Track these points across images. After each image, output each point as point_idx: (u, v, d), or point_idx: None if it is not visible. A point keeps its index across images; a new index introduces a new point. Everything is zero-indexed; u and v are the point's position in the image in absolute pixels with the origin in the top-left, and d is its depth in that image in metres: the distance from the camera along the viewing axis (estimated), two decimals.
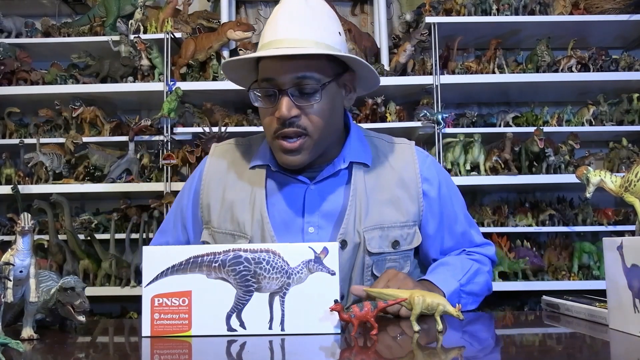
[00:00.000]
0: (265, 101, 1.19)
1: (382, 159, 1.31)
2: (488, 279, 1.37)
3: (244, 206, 1.25)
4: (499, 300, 2.63)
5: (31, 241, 0.96)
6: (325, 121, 1.19)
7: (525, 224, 2.62)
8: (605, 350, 0.93)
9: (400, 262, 1.29)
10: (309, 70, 1.14)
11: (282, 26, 1.16)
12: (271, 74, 1.16)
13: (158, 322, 0.98)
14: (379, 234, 1.24)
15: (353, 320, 0.94)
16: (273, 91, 1.16)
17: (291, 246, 1.01)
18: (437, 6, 2.72)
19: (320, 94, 1.15)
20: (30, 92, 2.72)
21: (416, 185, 1.29)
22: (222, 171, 1.31)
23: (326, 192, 1.26)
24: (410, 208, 1.27)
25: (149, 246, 1.07)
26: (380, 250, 1.24)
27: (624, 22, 2.69)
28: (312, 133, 1.17)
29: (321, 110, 1.17)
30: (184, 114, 2.74)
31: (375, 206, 1.25)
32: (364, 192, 1.25)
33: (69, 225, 2.50)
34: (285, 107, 1.14)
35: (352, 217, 1.23)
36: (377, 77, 1.26)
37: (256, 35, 2.99)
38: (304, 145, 1.18)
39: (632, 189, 0.99)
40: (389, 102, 2.68)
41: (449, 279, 1.26)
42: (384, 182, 1.28)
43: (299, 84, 1.15)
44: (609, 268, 0.98)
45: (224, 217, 1.27)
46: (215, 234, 1.27)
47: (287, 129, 1.16)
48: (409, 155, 1.32)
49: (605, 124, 2.72)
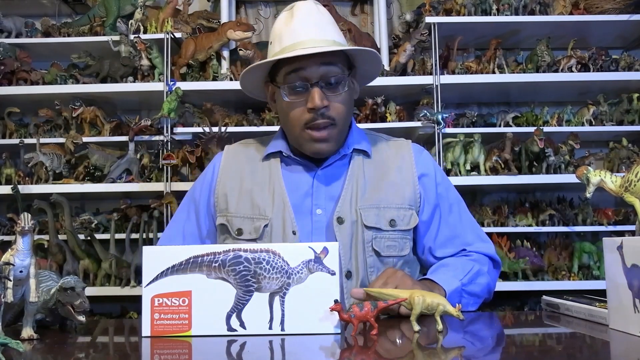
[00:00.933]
0: (294, 96, 1.31)
1: (380, 152, 1.42)
2: (489, 280, 1.37)
3: (263, 192, 1.35)
4: (499, 300, 2.62)
5: (31, 241, 0.96)
6: (347, 111, 1.34)
7: (525, 224, 2.62)
8: (605, 350, 0.93)
9: (400, 242, 1.34)
10: (333, 65, 1.29)
11: (301, 29, 1.30)
12: (301, 70, 1.28)
13: (158, 322, 0.98)
14: (375, 212, 1.32)
15: (353, 320, 0.95)
16: (304, 85, 1.29)
17: (291, 246, 1.01)
18: (437, 6, 2.72)
19: (345, 84, 1.31)
20: (30, 92, 2.72)
21: (412, 173, 1.38)
22: (237, 164, 1.42)
23: (331, 176, 1.37)
24: (407, 193, 1.36)
25: (150, 246, 1.07)
26: (377, 225, 1.31)
27: (624, 22, 2.69)
28: (338, 122, 1.31)
29: (344, 101, 1.32)
30: (184, 114, 2.74)
31: (372, 188, 1.35)
32: (362, 176, 1.36)
33: (69, 225, 2.50)
34: (319, 98, 1.27)
35: (348, 196, 1.33)
36: (378, 69, 1.42)
37: (256, 35, 2.99)
38: (332, 134, 1.31)
39: (632, 189, 0.99)
40: (389, 102, 2.68)
41: (451, 278, 1.28)
42: (382, 169, 1.38)
43: (326, 77, 1.28)
44: (609, 268, 0.98)
45: (243, 203, 1.35)
46: (233, 218, 1.35)
47: (318, 119, 1.29)
48: (405, 149, 1.43)
49: (605, 124, 2.71)
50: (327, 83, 1.29)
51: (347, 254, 1.30)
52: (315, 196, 1.34)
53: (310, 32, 1.29)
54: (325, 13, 1.36)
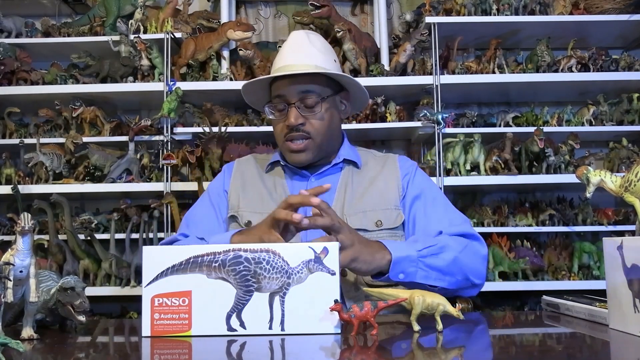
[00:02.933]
0: (278, 114, 1.48)
1: (368, 164, 1.56)
2: (457, 257, 1.30)
3: (271, 192, 1.51)
4: (499, 300, 2.63)
5: (31, 241, 0.96)
6: (325, 127, 1.46)
7: (525, 224, 2.62)
8: (605, 350, 0.93)
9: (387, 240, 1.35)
10: (311, 88, 1.44)
11: (289, 55, 1.49)
12: (282, 91, 1.45)
13: (158, 322, 0.98)
14: (361, 216, 1.43)
15: (353, 320, 0.95)
16: (283, 105, 1.46)
17: (291, 246, 1.01)
18: (437, 6, 2.72)
19: (320, 105, 1.45)
20: (30, 92, 2.72)
21: (396, 177, 1.50)
22: (247, 172, 1.58)
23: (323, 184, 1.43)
24: (392, 195, 1.47)
25: (150, 246, 1.07)
26: (362, 227, 1.40)
27: (624, 22, 2.69)
28: (315, 136, 1.45)
29: (321, 119, 1.46)
30: (184, 114, 2.73)
31: (359, 196, 1.47)
32: (350, 186, 1.49)
33: (69, 225, 2.50)
34: (293, 117, 1.43)
35: (339, 205, 1.45)
36: (366, 94, 1.57)
37: (256, 35, 2.99)
38: (308, 146, 1.45)
39: (632, 189, 0.99)
40: (389, 102, 2.68)
41: (406, 246, 1.27)
42: (369, 179, 1.51)
43: (303, 98, 1.44)
44: (609, 268, 0.98)
45: (252, 200, 1.50)
46: (243, 212, 1.49)
47: (294, 133, 1.44)
48: (391, 162, 1.56)
49: (605, 124, 2.71)
50: (304, 104, 1.44)
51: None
52: None
53: (296, 57, 1.46)
54: (317, 42, 1.51)
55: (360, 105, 1.65)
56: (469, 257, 1.34)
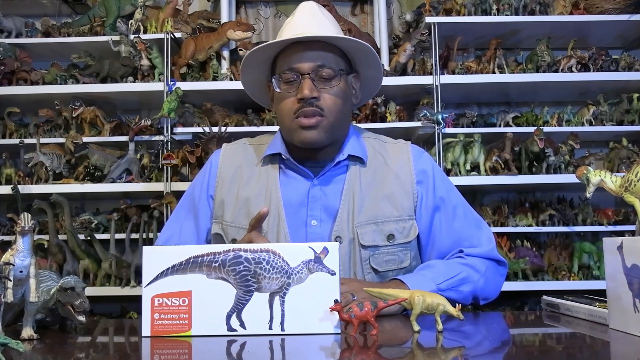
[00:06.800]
0: (286, 87, 1.32)
1: (378, 157, 1.40)
2: (475, 288, 1.31)
3: (259, 202, 1.34)
4: (499, 300, 2.61)
5: (31, 241, 0.96)
6: (339, 106, 1.32)
7: (525, 224, 2.62)
8: (605, 350, 0.93)
9: (399, 255, 1.32)
10: (327, 59, 1.31)
11: (302, 24, 1.34)
12: (294, 61, 1.30)
13: (158, 322, 0.98)
14: (372, 228, 1.31)
15: (353, 320, 0.95)
16: (295, 76, 1.30)
17: (291, 246, 1.01)
18: (437, 6, 2.72)
19: (338, 79, 1.31)
20: (30, 92, 2.72)
21: (411, 180, 1.36)
22: (235, 168, 1.40)
23: (327, 187, 1.36)
24: (405, 203, 1.34)
25: (150, 246, 1.07)
26: (374, 243, 1.30)
27: (624, 22, 2.69)
28: (328, 114, 1.30)
29: (336, 95, 1.31)
30: (184, 114, 2.73)
31: (369, 202, 1.33)
32: (358, 189, 1.34)
33: (69, 225, 2.50)
34: (308, 88, 1.28)
35: (345, 214, 1.32)
36: (378, 78, 1.42)
37: (256, 35, 2.99)
38: (321, 123, 1.30)
39: (632, 189, 0.99)
40: (389, 102, 2.68)
41: (427, 281, 1.24)
42: (379, 179, 1.36)
43: (318, 69, 1.30)
44: (609, 268, 0.98)
45: (238, 212, 1.35)
46: (228, 228, 1.35)
47: (306, 107, 1.29)
48: (404, 153, 1.41)
49: (605, 124, 2.71)
50: (318, 76, 1.30)
51: (345, 272, 1.30)
52: (311, 207, 1.33)
53: (310, 26, 1.32)
54: (327, 14, 1.40)
55: (368, 94, 1.49)
56: (488, 285, 1.35)
